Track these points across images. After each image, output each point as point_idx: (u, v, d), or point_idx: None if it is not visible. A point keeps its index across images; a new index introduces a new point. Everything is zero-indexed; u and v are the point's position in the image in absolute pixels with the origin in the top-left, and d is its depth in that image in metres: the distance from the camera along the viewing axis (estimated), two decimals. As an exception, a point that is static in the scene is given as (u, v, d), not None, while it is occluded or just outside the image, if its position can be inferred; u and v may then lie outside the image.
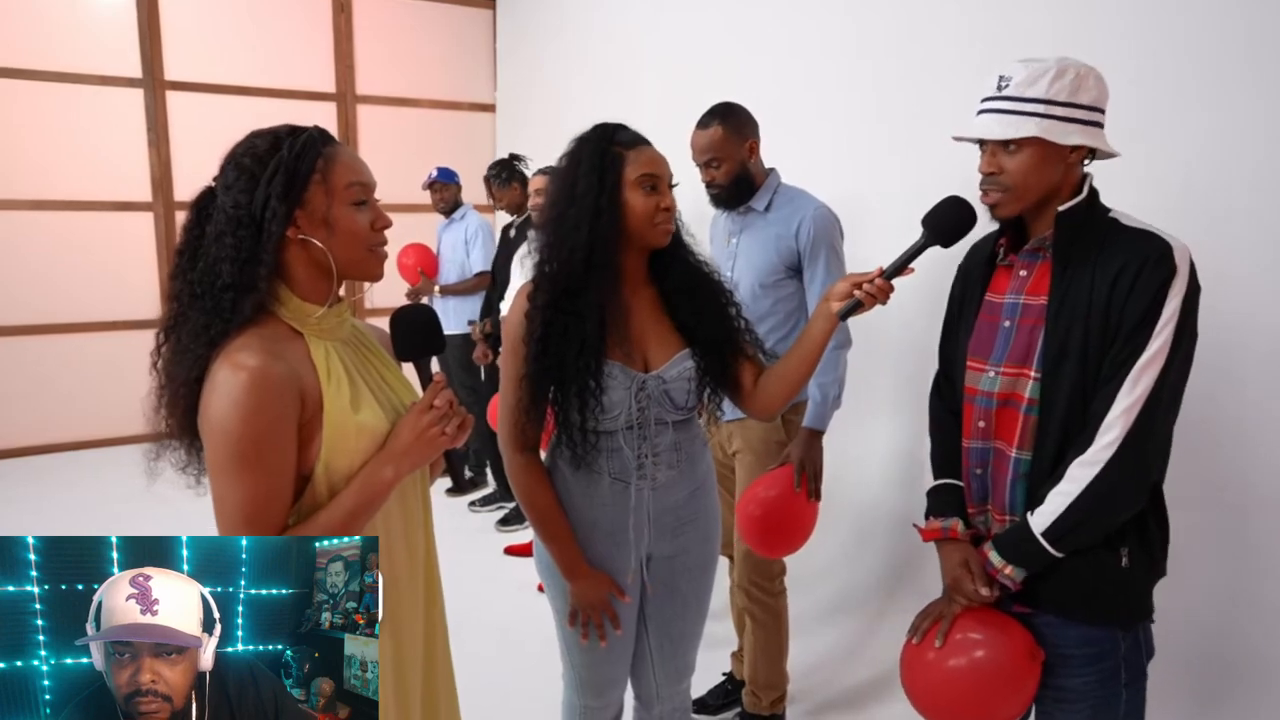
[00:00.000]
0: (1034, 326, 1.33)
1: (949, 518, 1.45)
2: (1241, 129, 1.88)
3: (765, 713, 2.39)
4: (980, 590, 1.34)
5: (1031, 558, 1.31)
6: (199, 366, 1.07)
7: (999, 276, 1.43)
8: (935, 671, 1.36)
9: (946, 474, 1.50)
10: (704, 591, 1.71)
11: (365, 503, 1.11)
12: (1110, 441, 1.23)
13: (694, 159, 2.22)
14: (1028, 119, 1.26)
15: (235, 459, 1.03)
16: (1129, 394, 1.22)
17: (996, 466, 1.39)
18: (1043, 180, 1.30)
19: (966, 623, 1.36)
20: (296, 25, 5.80)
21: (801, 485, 2.11)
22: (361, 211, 1.16)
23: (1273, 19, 1.82)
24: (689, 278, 1.58)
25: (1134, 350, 1.22)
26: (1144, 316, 1.22)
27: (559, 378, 1.47)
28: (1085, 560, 1.30)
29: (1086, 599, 1.32)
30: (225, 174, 1.12)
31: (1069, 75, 1.26)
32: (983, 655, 1.33)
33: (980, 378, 1.39)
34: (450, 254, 4.55)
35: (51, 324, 5.32)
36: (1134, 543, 1.30)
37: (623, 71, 4.69)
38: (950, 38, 2.65)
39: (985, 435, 1.40)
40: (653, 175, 1.47)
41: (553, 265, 1.49)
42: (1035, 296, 1.34)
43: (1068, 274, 1.29)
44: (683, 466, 1.59)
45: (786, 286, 2.20)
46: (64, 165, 5.23)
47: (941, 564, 1.43)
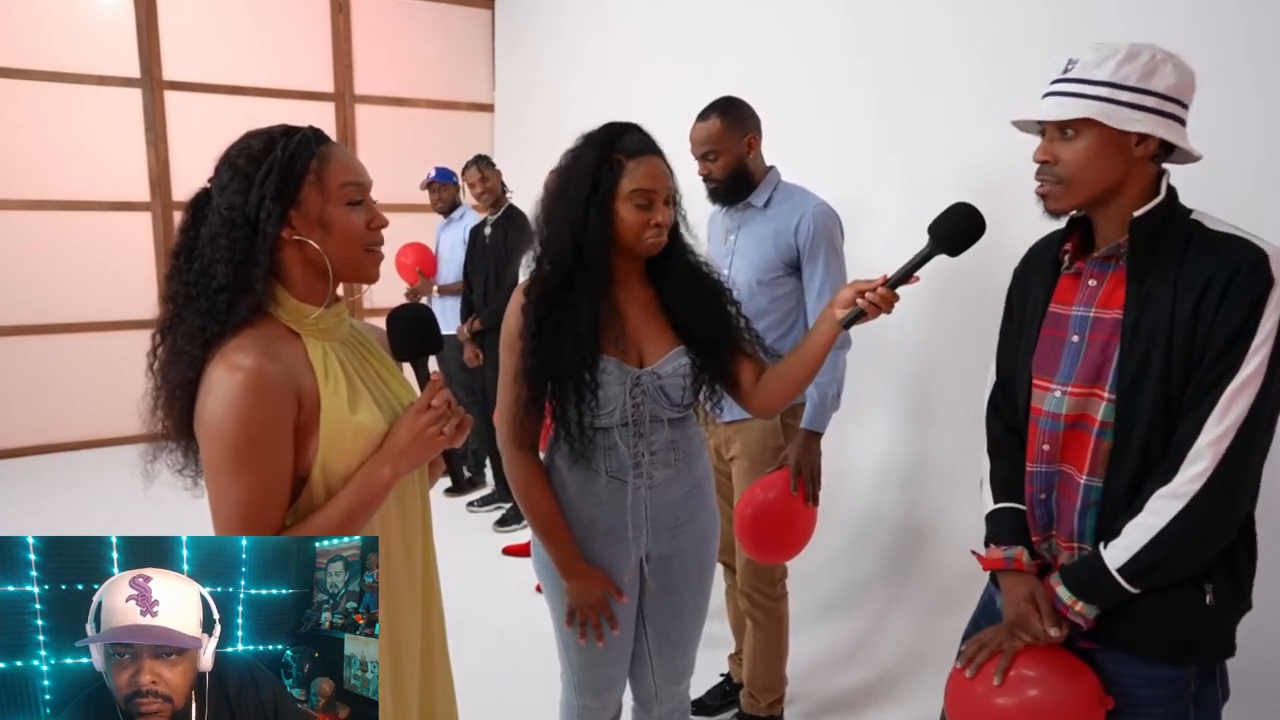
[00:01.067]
0: (1107, 343, 1.21)
1: (1012, 546, 1.33)
2: (1240, 127, 1.89)
3: (763, 714, 2.39)
4: (1049, 630, 1.22)
5: (1105, 595, 1.19)
6: (195, 368, 1.07)
7: (1064, 285, 1.30)
8: (988, 709, 1.25)
9: (1007, 497, 1.38)
10: (702, 592, 1.70)
11: (363, 503, 1.11)
12: (1199, 473, 1.11)
13: (692, 151, 2.21)
14: (1087, 101, 1.16)
15: (231, 460, 1.03)
16: (1220, 421, 1.10)
17: (1063, 492, 1.29)
18: (1101, 173, 1.18)
19: (1028, 660, 1.23)
20: (295, 25, 5.80)
21: (798, 489, 2.09)
22: (357, 211, 1.15)
23: (1272, 18, 1.82)
24: (686, 277, 1.58)
25: (1225, 371, 1.10)
26: (1237, 334, 1.09)
27: (555, 373, 1.47)
28: (1165, 597, 1.18)
29: (1165, 639, 1.20)
30: (220, 175, 1.11)
31: (1142, 58, 1.15)
32: (1046, 698, 1.21)
33: (1046, 397, 1.29)
34: (449, 254, 4.55)
35: (50, 324, 5.32)
36: (1220, 577, 1.18)
37: (621, 71, 4.70)
38: (950, 38, 2.66)
39: (1051, 459, 1.29)
40: (647, 191, 1.46)
41: (546, 262, 1.50)
42: (1108, 310, 1.22)
43: (1146, 286, 1.17)
44: (679, 465, 1.59)
45: (784, 284, 2.19)
46: (62, 165, 5.23)
47: (1004, 597, 1.33)
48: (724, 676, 2.61)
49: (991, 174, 2.32)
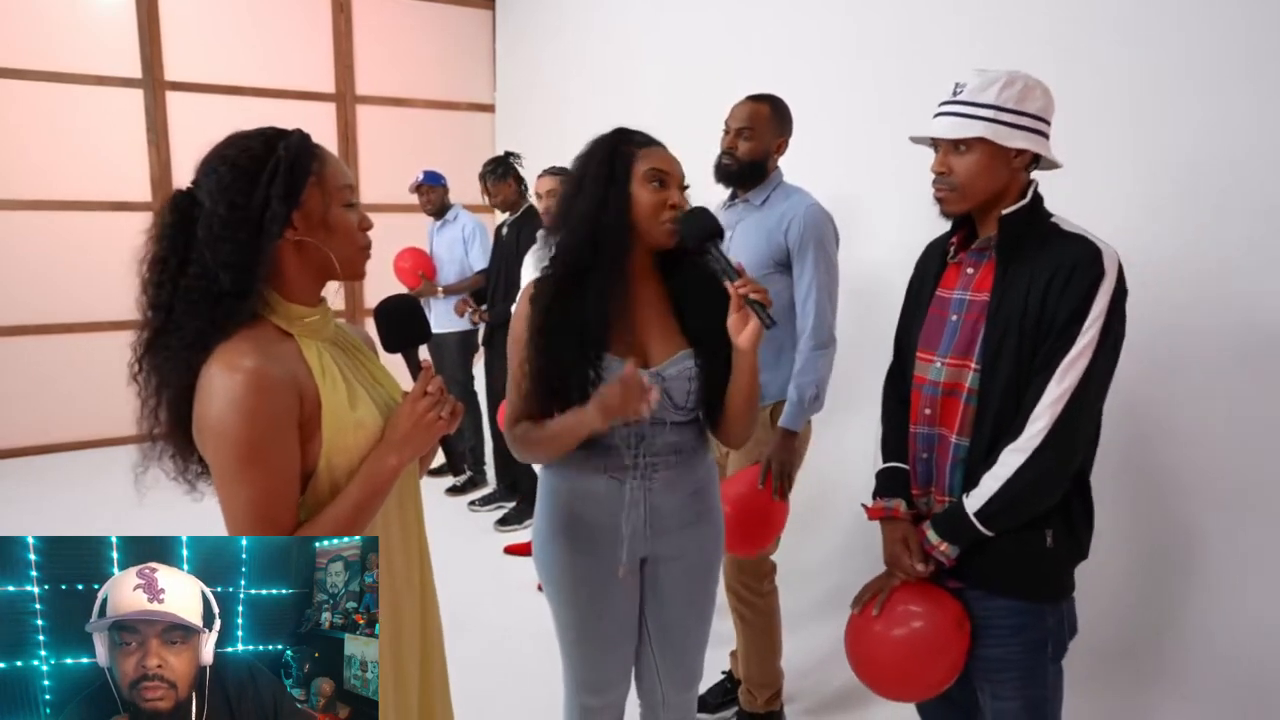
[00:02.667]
0: (977, 321, 1.42)
1: (893, 498, 1.56)
2: (1237, 126, 1.89)
3: (761, 710, 2.39)
4: (916, 565, 1.45)
5: (964, 536, 1.41)
6: (193, 373, 1.06)
7: (950, 273, 1.52)
8: (873, 640, 1.48)
9: (894, 457, 1.60)
10: (707, 595, 1.70)
11: (371, 494, 1.12)
12: (1039, 430, 1.33)
13: (728, 122, 2.23)
14: (976, 122, 1.36)
15: (240, 461, 1.03)
16: (1057, 386, 1.32)
17: (939, 451, 1.49)
18: (989, 182, 1.39)
19: (902, 595, 1.47)
20: (296, 25, 5.80)
21: (766, 483, 2.10)
22: (352, 212, 1.18)
23: (1271, 18, 1.82)
24: (697, 274, 1.58)
25: (1062, 346, 1.32)
26: (1073, 314, 1.31)
27: (560, 370, 1.47)
28: (1013, 539, 1.40)
29: (1013, 575, 1.42)
30: (218, 176, 1.08)
31: (1017, 85, 1.36)
32: (916, 624, 1.44)
33: (929, 368, 1.50)
34: (447, 254, 4.56)
35: (50, 324, 5.32)
36: (1058, 524, 1.40)
37: (622, 72, 4.70)
38: (951, 38, 2.66)
39: (931, 422, 1.50)
40: (660, 170, 1.49)
41: (560, 258, 1.52)
42: (979, 293, 1.44)
43: (1008, 274, 1.38)
44: (681, 467, 1.59)
45: (776, 281, 2.19)
46: (63, 165, 5.23)
47: (883, 540, 1.54)
48: (725, 674, 2.61)
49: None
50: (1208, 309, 1.92)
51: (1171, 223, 1.97)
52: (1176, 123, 2.00)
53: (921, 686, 1.49)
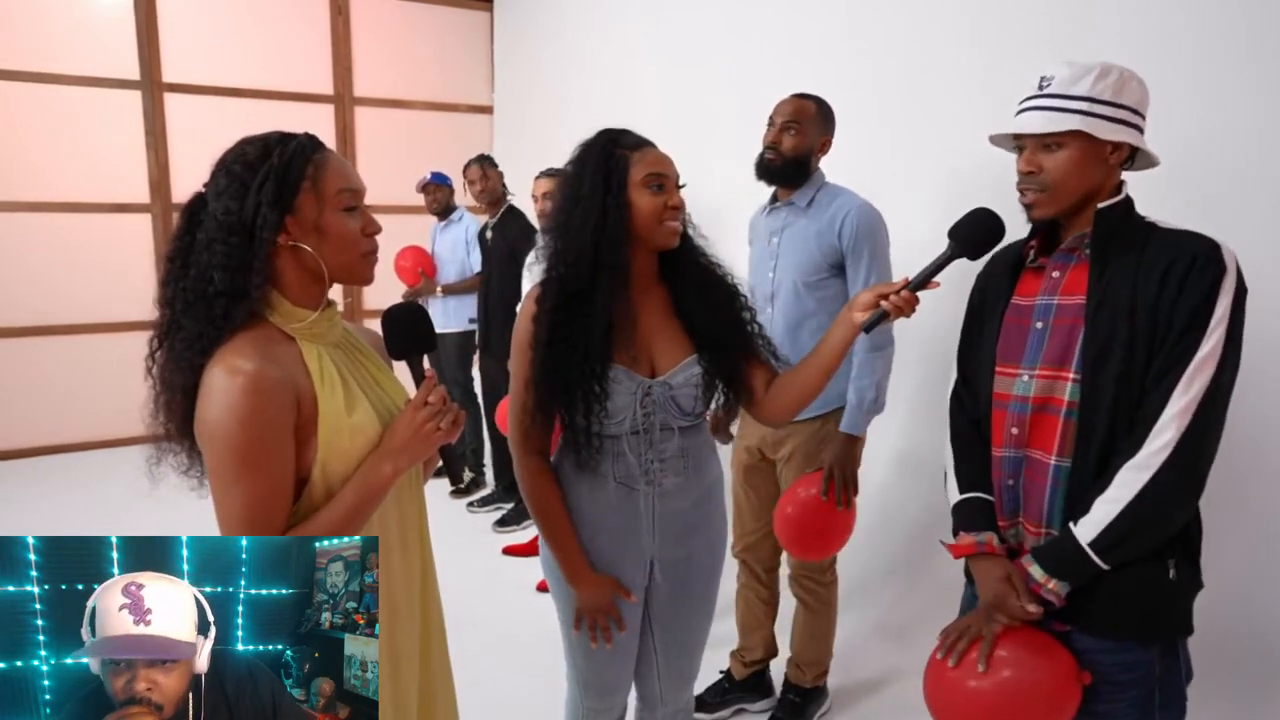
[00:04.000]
0: (1071, 326, 1.27)
1: (983, 531, 1.37)
2: (1237, 127, 1.89)
3: (809, 685, 2.47)
4: (1027, 608, 1.25)
5: (1077, 570, 1.23)
6: (194, 373, 1.07)
7: (1026, 280, 1.38)
8: (969, 694, 1.27)
9: (974, 487, 1.42)
10: (710, 597, 1.70)
11: (365, 500, 1.12)
12: (1165, 444, 1.17)
13: (774, 116, 2.22)
14: (1071, 115, 1.24)
15: (235, 463, 1.04)
16: (1183, 395, 1.17)
17: (1031, 476, 1.33)
18: (1083, 180, 1.27)
19: (1006, 642, 1.27)
20: (294, 27, 5.79)
21: (829, 492, 2.09)
22: (352, 217, 1.17)
23: (1271, 18, 1.82)
24: (700, 278, 1.57)
25: (1187, 350, 1.17)
26: (1195, 315, 1.17)
27: (564, 381, 1.46)
28: (1132, 573, 1.23)
29: (1133, 615, 1.24)
30: (216, 181, 1.12)
31: (1113, 75, 1.24)
32: (1024, 677, 1.24)
33: (1013, 383, 1.34)
34: (449, 255, 4.59)
35: (49, 325, 5.31)
36: (1180, 553, 1.24)
37: (621, 73, 4.70)
38: (952, 39, 2.66)
39: (1019, 443, 1.34)
40: (658, 174, 1.47)
41: (560, 269, 1.48)
42: (1071, 296, 1.29)
43: (1108, 272, 1.25)
44: (689, 473, 1.58)
45: (830, 286, 2.17)
46: (62, 167, 5.23)
47: (978, 580, 1.35)
48: (723, 673, 2.61)
49: (998, 174, 2.31)
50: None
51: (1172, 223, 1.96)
52: (1177, 122, 2.00)
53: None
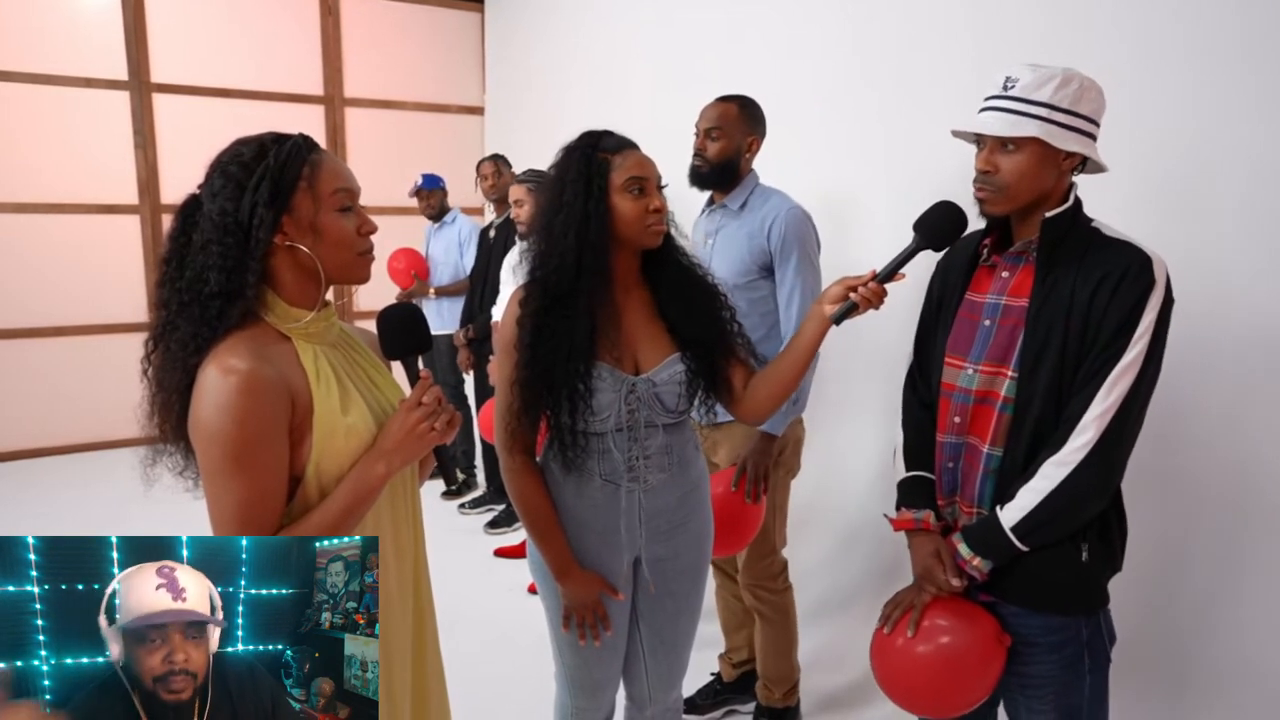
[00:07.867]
0: (1014, 327, 1.36)
1: (921, 509, 1.49)
2: (1237, 128, 1.90)
3: (779, 705, 2.43)
4: (950, 580, 1.39)
5: (999, 551, 1.36)
6: (189, 374, 1.08)
7: (980, 276, 1.46)
8: (907, 658, 1.41)
9: (918, 466, 1.53)
10: (697, 594, 1.71)
11: (358, 501, 1.12)
12: (1084, 444, 1.27)
13: (697, 125, 2.23)
14: (1030, 120, 1.29)
15: (228, 462, 1.04)
16: (1105, 398, 1.26)
17: (968, 461, 1.43)
18: (1035, 183, 1.33)
19: (936, 611, 1.41)
20: (284, 28, 5.77)
21: (739, 486, 2.10)
22: (348, 217, 1.17)
23: (1271, 19, 1.84)
24: (681, 278, 1.59)
25: (1112, 356, 1.26)
26: (1123, 324, 1.26)
27: (549, 381, 1.48)
28: (1048, 553, 1.35)
29: (1048, 590, 1.37)
30: (211, 181, 1.12)
31: (1074, 84, 1.29)
32: (953, 641, 1.38)
33: (959, 374, 1.43)
34: (443, 257, 4.59)
35: (37, 327, 5.28)
36: (1094, 538, 1.35)
37: (613, 73, 4.70)
38: (948, 38, 2.66)
39: (960, 430, 1.44)
40: (639, 178, 1.48)
41: (543, 272, 1.50)
42: (1017, 298, 1.37)
43: (1050, 278, 1.32)
44: (674, 470, 1.60)
45: (761, 287, 2.19)
46: (50, 167, 5.19)
47: (912, 554, 1.48)
48: (714, 675, 2.62)
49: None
50: (1217, 312, 1.90)
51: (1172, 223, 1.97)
52: (1176, 123, 2.02)
53: (957, 704, 1.41)
